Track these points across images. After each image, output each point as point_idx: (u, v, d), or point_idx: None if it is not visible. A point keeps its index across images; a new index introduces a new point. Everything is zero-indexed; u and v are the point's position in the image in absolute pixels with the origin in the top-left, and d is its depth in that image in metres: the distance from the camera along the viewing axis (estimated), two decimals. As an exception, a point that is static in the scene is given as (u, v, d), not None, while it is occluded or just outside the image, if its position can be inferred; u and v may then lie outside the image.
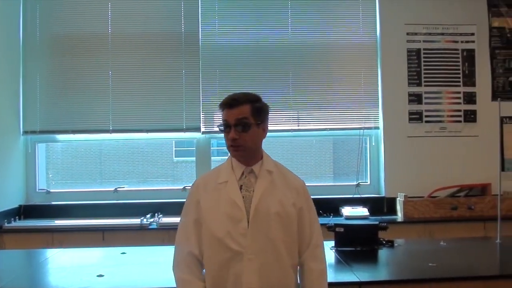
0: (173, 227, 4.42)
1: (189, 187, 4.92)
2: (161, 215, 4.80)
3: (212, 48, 5.12)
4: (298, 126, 5.16)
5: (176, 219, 4.52)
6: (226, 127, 2.35)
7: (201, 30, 5.12)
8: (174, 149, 6.84)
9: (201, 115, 5.08)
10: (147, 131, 5.08)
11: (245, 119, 2.33)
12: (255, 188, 2.37)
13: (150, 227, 4.60)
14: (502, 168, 5.20)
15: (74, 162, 5.82)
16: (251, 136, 2.36)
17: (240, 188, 2.38)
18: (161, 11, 5.12)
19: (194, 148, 5.22)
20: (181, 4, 5.11)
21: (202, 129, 5.09)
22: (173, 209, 4.80)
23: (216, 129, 5.06)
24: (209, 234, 2.35)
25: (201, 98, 5.08)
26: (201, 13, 5.12)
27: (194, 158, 5.23)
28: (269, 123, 2.48)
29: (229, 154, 2.44)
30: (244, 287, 2.30)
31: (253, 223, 2.31)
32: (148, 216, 4.74)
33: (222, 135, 2.40)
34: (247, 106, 2.35)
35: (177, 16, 5.11)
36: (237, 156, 2.40)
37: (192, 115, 5.08)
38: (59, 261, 3.51)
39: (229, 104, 2.35)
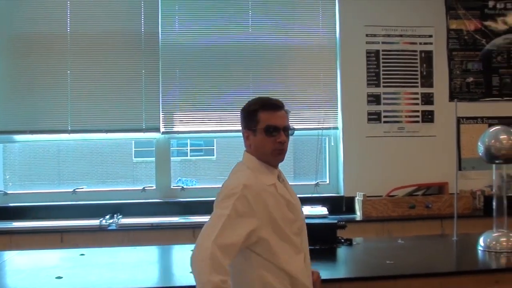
0: (132, 228, 4.74)
1: (150, 187, 5.24)
2: (120, 216, 5.00)
3: (172, 48, 5.35)
4: (258, 126, 5.44)
5: (135, 220, 4.83)
6: (275, 130, 2.46)
7: (161, 30, 5.34)
8: (133, 149, 7.04)
9: (161, 115, 5.32)
10: (106, 131, 5.29)
11: (288, 124, 2.52)
12: (289, 190, 2.54)
13: (109, 228, 4.78)
14: (459, 167, 5.60)
15: (32, 163, 5.98)
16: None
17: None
18: (120, 11, 5.32)
19: (154, 149, 5.45)
20: (141, 4, 5.32)
21: (162, 129, 5.33)
22: (133, 209, 5.12)
23: (176, 129, 5.35)
24: (281, 233, 2.42)
25: (160, 98, 5.31)
26: (161, 13, 5.34)
27: (153, 159, 5.46)
28: (228, 123, 2.67)
29: (255, 157, 2.51)
30: (308, 282, 2.49)
31: (303, 225, 2.53)
32: (107, 217, 4.93)
33: (181, 134, 2.62)
34: (285, 112, 2.53)
35: (137, 16, 5.32)
36: (277, 160, 2.51)
37: (151, 115, 5.31)
38: (17, 263, 3.58)
39: (277, 106, 2.50)
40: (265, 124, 2.46)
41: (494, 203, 3.79)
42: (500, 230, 3.70)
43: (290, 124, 2.52)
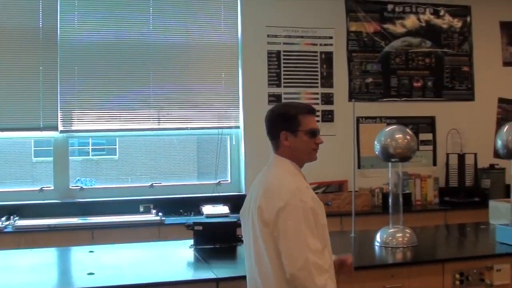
0: (29, 230, 4.83)
1: (48, 188, 5.33)
2: (17, 218, 5.05)
3: (71, 45, 5.47)
4: (159, 125, 5.66)
5: (32, 222, 4.89)
6: (315, 133, 2.76)
7: (60, 26, 5.45)
8: (33, 148, 7.08)
9: (59, 114, 5.44)
10: (2, 130, 5.37)
11: None
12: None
13: (5, 230, 4.83)
14: (358, 166, 6.04)
15: None
16: None
17: None
18: (17, 6, 5.38)
19: (52, 148, 5.55)
20: (39, -2, 5.40)
21: (60, 128, 5.45)
22: (30, 211, 5.21)
23: (75, 127, 5.50)
24: (325, 233, 2.69)
25: (58, 96, 5.42)
26: (60, 9, 5.43)
27: (51, 158, 5.56)
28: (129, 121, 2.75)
29: (287, 159, 2.75)
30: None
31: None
32: (3, 219, 4.98)
33: (80, 133, 2.70)
34: None
35: (35, 11, 5.38)
36: (313, 159, 2.81)
37: (49, 113, 5.41)
38: None
39: (314, 111, 2.83)
40: (308, 127, 2.74)
41: (390, 200, 4.04)
42: (396, 226, 3.96)
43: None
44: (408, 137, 3.95)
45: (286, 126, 2.74)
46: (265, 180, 2.74)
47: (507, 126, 4.06)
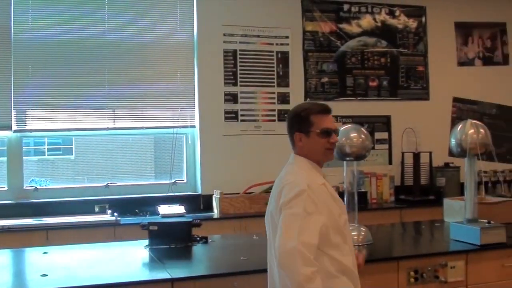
0: None
1: (1, 188, 5.40)
2: None
3: (25, 43, 5.55)
4: (114, 124, 5.78)
5: None
6: (329, 132, 2.86)
7: (13, 24, 5.53)
8: None
9: (13, 113, 5.52)
10: (-47, 129, 5.43)
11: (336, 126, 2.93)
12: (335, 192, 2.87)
13: None
14: (314, 165, 6.20)
15: None
16: None
17: None
18: None
19: (5, 148, 5.61)
20: (-8, -4, 5.48)
21: (14, 128, 5.54)
22: (-20, 212, 5.20)
23: (29, 127, 5.58)
24: (337, 227, 2.77)
25: (12, 95, 5.51)
26: (13, 6, 5.51)
27: (5, 158, 5.62)
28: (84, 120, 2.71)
29: (304, 158, 2.91)
30: (357, 272, 2.81)
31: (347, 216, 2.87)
32: None
33: (36, 133, 2.71)
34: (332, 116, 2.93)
35: (-13, 9, 5.46)
36: (329, 159, 2.95)
37: (2, 113, 5.49)
38: None
39: (328, 111, 2.92)
40: (320, 127, 2.85)
41: (345, 199, 4.06)
42: (351, 224, 3.93)
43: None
44: (363, 136, 4.06)
45: (299, 127, 2.91)
46: (283, 178, 2.85)
47: (461, 125, 4.22)
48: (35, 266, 3.62)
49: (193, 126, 6.03)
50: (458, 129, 4.21)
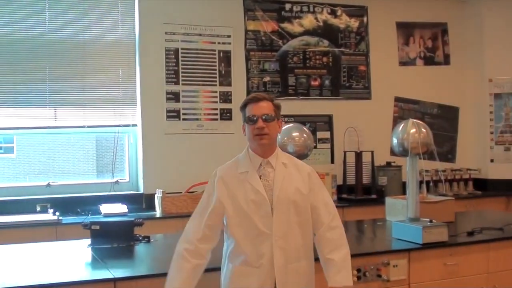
0: None
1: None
2: None
3: (-37, 40, 5.78)
4: (56, 122, 6.03)
5: None
6: (253, 120, 3.09)
7: (-49, 20, 5.75)
8: None
9: None
10: None
11: (269, 112, 3.11)
12: (275, 178, 3.13)
13: None
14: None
15: None
16: (274, 128, 3.13)
17: (260, 178, 3.12)
18: None
19: None
20: None
21: None
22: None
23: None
24: (241, 213, 3.11)
25: None
26: (-51, 1, 5.74)
27: None
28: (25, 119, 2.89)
29: (247, 148, 3.19)
30: (275, 263, 3.07)
31: (276, 209, 3.09)
32: None
33: None
34: (269, 103, 3.15)
35: None
36: (261, 145, 3.12)
37: None
38: None
39: (255, 99, 3.15)
40: (246, 115, 3.14)
41: None
42: None
43: (266, 113, 3.11)
44: (305, 135, 4.28)
45: (243, 119, 3.22)
46: None
47: (402, 124, 4.42)
48: None
49: (135, 125, 6.32)
50: (400, 128, 4.41)
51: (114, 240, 4.14)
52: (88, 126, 6.18)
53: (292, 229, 3.14)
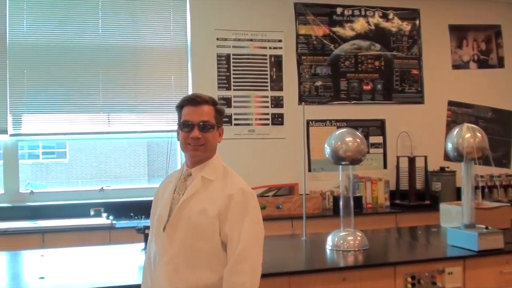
0: None
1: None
2: None
3: (20, 47, 6.00)
4: (109, 127, 6.22)
5: None
6: (188, 126, 2.75)
7: (9, 29, 5.99)
8: None
9: (9, 117, 5.97)
10: (-49, 133, 5.86)
11: (209, 119, 2.75)
12: (185, 193, 2.76)
13: None
14: (309, 169, 6.67)
15: None
16: (212, 137, 2.79)
17: (174, 190, 2.82)
18: None
19: (1, 151, 6.06)
20: (-13, 2, 5.93)
21: (10, 132, 5.98)
22: (-22, 213, 5.61)
23: (25, 131, 6.02)
24: (152, 228, 2.89)
25: (8, 100, 5.96)
26: (8, 12, 5.98)
27: (1, 162, 6.06)
28: (78, 124, 2.89)
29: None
30: None
31: (169, 227, 2.72)
32: None
33: (30, 137, 2.92)
34: (211, 107, 2.78)
35: (-17, 15, 5.91)
36: (193, 156, 2.79)
37: (-2, 117, 5.93)
38: None
39: (194, 101, 2.76)
40: (181, 119, 2.79)
41: (341, 203, 4.27)
42: (347, 229, 4.23)
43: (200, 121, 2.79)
44: (358, 140, 4.21)
45: (178, 120, 2.87)
46: None
47: (457, 129, 4.36)
48: (32, 268, 3.75)
49: (187, 130, 6.45)
50: (455, 133, 4.35)
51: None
52: (141, 132, 6.35)
53: (194, 257, 2.68)
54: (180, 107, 2.84)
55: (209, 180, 2.78)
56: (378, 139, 7.11)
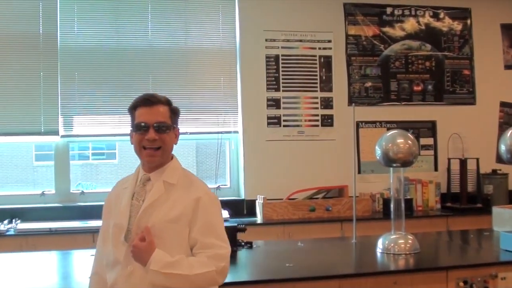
0: (31, 233, 5.36)
1: (49, 192, 5.95)
2: (19, 221, 5.63)
3: (71, 50, 6.14)
4: (159, 129, 6.29)
5: (34, 225, 5.48)
6: (142, 128, 2.66)
7: (60, 32, 6.13)
8: (34, 152, 7.67)
9: (60, 119, 6.10)
10: (3, 134, 6.03)
11: (165, 120, 2.69)
12: (145, 199, 2.67)
13: (7, 233, 5.26)
14: (359, 171, 6.65)
15: None
16: (169, 139, 2.72)
17: (133, 197, 2.71)
18: (18, 12, 6.06)
19: (53, 152, 6.21)
20: (39, 4, 6.08)
21: (61, 133, 6.11)
22: (32, 214, 5.81)
23: (75, 132, 6.15)
24: (101, 237, 2.80)
25: (59, 101, 6.09)
26: (59, 15, 6.12)
27: (53, 163, 6.21)
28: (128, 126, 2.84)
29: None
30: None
31: (132, 236, 2.62)
32: (6, 222, 5.54)
33: (81, 138, 2.96)
34: (166, 108, 2.72)
35: (35, 18, 6.07)
36: (150, 162, 2.70)
37: (50, 118, 6.07)
38: None
39: (148, 102, 2.68)
40: (136, 120, 2.70)
41: (392, 206, 4.25)
42: (398, 232, 4.19)
43: (164, 124, 2.74)
44: (409, 141, 4.16)
45: (131, 123, 2.78)
46: None
47: (510, 131, 4.26)
48: (83, 268, 3.75)
49: (236, 132, 6.52)
50: (508, 135, 4.25)
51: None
52: (191, 133, 6.41)
53: None
54: (133, 109, 2.74)
55: (170, 184, 2.71)
56: (429, 141, 7.04)
